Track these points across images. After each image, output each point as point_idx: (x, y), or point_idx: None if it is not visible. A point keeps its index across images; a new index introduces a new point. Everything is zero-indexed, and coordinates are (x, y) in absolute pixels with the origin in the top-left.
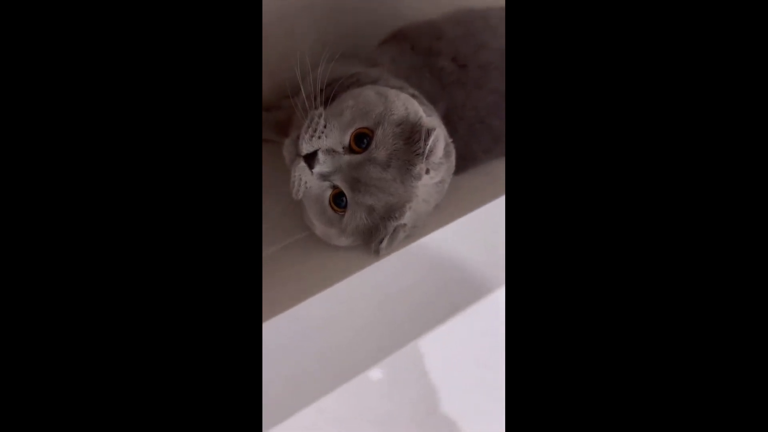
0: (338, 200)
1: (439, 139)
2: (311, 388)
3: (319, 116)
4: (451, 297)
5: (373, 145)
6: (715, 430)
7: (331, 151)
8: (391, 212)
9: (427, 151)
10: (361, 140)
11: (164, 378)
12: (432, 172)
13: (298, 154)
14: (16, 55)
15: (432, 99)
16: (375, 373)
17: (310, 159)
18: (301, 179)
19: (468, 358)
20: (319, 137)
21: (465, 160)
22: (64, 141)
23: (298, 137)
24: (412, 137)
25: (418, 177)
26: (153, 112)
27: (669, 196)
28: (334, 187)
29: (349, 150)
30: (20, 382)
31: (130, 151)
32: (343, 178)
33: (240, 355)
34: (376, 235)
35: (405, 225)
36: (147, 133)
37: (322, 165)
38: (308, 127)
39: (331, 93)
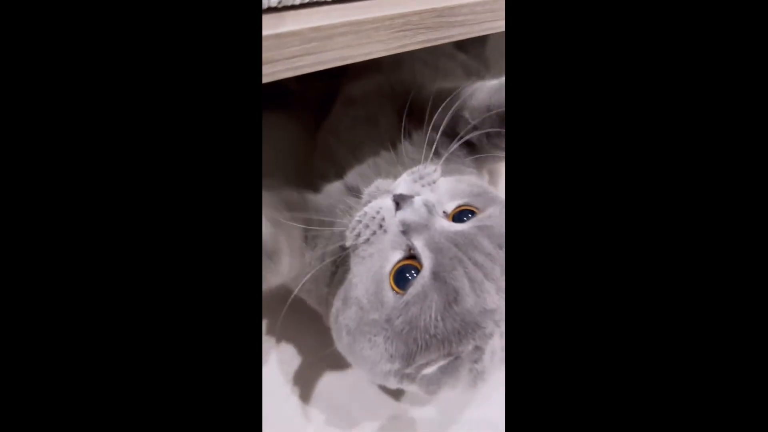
0: (404, 274)
1: None
2: None
3: (435, 169)
4: None
5: (482, 215)
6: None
7: (431, 206)
8: (476, 325)
9: None
10: (464, 217)
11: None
12: None
13: (388, 191)
14: (15, 54)
15: None
16: None
17: (401, 200)
18: (379, 214)
19: None
20: (423, 186)
21: None
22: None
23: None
24: None
25: None
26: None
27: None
28: (408, 255)
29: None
30: None
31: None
32: (430, 242)
33: None
34: (426, 352)
35: (480, 358)
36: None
37: (417, 211)
38: (415, 171)
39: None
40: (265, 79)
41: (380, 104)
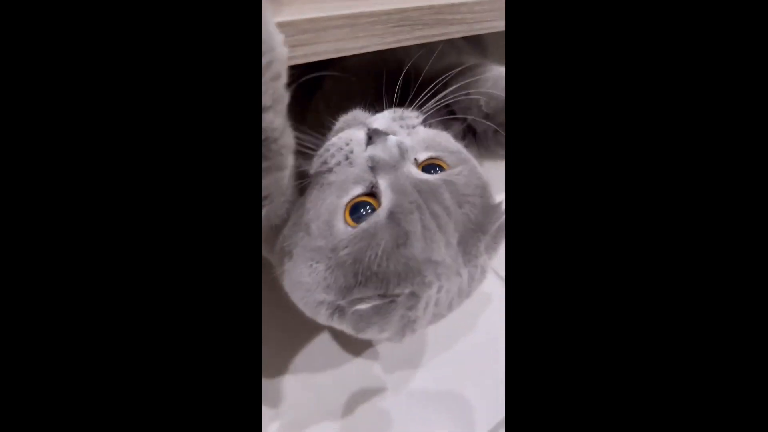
0: (359, 209)
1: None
2: None
3: (417, 115)
4: None
5: (450, 171)
6: None
7: (403, 147)
8: (418, 271)
9: (495, 232)
10: (431, 170)
11: None
12: (487, 263)
13: (362, 123)
14: (14, 56)
15: None
16: None
17: (375, 135)
18: (348, 146)
19: None
20: (402, 127)
21: None
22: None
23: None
24: (488, 212)
25: (478, 253)
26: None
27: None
28: (369, 191)
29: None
30: None
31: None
32: (394, 183)
33: None
34: (364, 288)
35: (415, 306)
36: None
37: (389, 149)
38: (396, 112)
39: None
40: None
41: (374, 76)
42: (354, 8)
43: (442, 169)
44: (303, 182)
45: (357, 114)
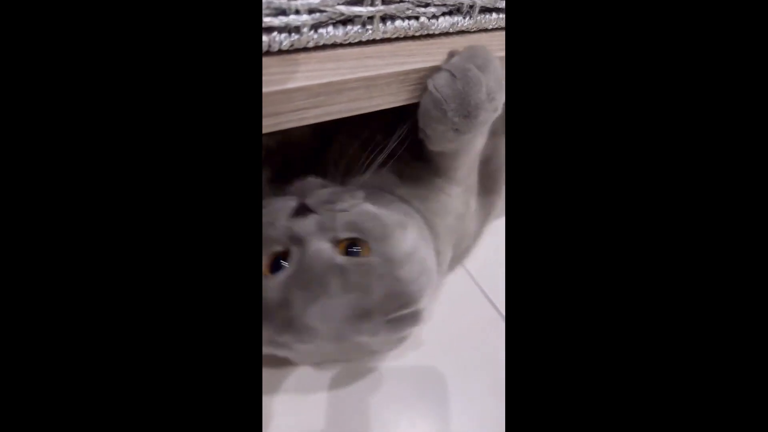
0: (278, 262)
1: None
2: None
3: (359, 196)
4: None
5: (358, 260)
6: None
7: (323, 228)
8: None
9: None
10: (352, 247)
11: None
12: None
13: (297, 196)
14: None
15: None
16: None
17: (302, 211)
18: (274, 223)
19: None
20: (331, 210)
21: None
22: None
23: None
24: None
25: (359, 335)
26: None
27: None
28: (285, 249)
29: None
30: None
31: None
32: (300, 260)
33: None
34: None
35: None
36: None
37: (306, 226)
38: (338, 192)
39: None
40: (268, 129)
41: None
42: (371, 70)
43: (359, 250)
44: None
45: (310, 181)
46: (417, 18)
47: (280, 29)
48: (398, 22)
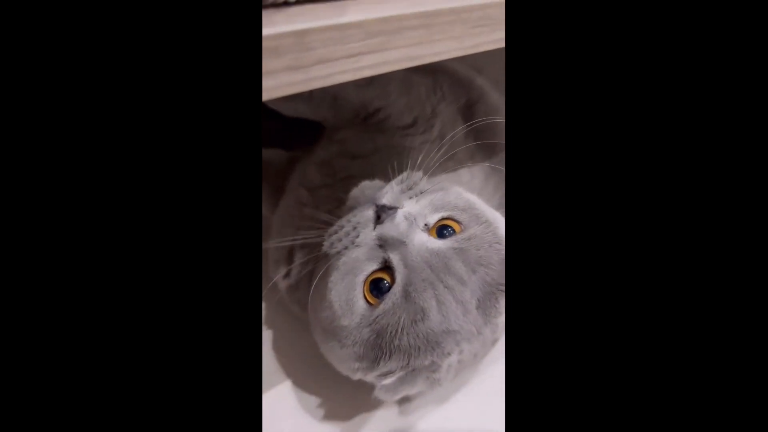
0: (378, 285)
1: None
2: None
3: (422, 177)
4: None
5: (462, 236)
6: None
7: (412, 219)
8: (437, 343)
9: None
10: (445, 231)
11: None
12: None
13: (371, 201)
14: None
15: None
16: None
17: (383, 212)
18: (355, 229)
19: None
20: (411, 197)
21: None
22: None
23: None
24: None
25: (497, 313)
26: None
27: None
28: (383, 266)
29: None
30: None
31: None
32: (405, 259)
33: None
34: (389, 361)
35: (437, 369)
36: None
37: (396, 226)
38: (402, 181)
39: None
40: (317, 83)
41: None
42: (429, 5)
43: (453, 231)
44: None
45: (365, 186)
46: None
47: None
48: None
